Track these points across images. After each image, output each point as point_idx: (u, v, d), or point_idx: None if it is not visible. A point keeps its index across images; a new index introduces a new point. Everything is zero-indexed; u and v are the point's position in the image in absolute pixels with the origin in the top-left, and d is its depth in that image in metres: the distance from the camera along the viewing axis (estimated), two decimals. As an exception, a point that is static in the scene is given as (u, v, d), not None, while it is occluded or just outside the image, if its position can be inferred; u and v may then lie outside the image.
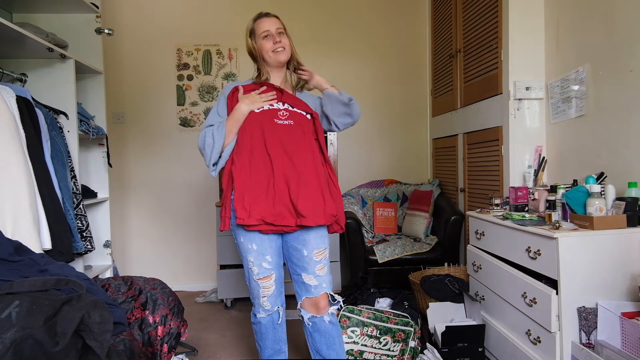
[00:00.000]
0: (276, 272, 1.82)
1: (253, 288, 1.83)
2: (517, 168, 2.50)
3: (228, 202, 1.78)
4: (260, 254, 1.77)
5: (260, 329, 1.87)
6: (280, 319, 1.87)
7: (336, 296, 1.84)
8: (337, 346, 1.84)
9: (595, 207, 1.71)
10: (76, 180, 2.30)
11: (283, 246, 1.85)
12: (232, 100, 1.83)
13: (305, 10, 3.76)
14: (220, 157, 1.78)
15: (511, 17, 2.46)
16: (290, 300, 2.05)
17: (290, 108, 1.81)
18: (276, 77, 1.89)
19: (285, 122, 1.78)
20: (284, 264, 1.88)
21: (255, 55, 1.88)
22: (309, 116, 1.85)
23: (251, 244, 1.77)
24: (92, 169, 2.82)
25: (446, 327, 2.13)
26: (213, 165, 1.79)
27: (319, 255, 1.80)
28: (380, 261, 3.01)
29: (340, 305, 1.87)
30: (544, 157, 2.42)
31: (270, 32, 1.81)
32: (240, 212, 1.69)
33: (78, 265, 2.32)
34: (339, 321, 2.22)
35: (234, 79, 3.73)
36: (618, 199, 1.75)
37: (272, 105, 1.80)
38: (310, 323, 1.83)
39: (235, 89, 1.85)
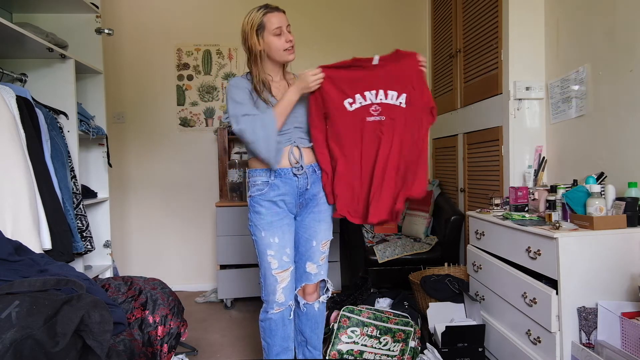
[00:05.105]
0: (292, 265, 1.87)
1: (269, 284, 1.81)
2: (517, 168, 2.50)
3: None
4: (282, 247, 1.79)
5: (270, 325, 1.86)
6: (290, 315, 1.89)
7: (328, 285, 1.96)
8: (319, 330, 1.99)
9: (595, 207, 1.71)
10: (76, 180, 2.30)
11: (295, 237, 1.90)
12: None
13: (305, 5, 3.75)
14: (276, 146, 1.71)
15: (511, 17, 2.46)
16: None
17: (383, 100, 1.76)
18: (277, 75, 1.84)
19: (377, 118, 1.77)
20: None
21: (255, 51, 1.74)
22: (402, 103, 1.76)
23: (273, 237, 1.78)
24: (92, 169, 2.82)
25: (446, 327, 2.13)
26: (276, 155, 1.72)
27: (324, 246, 1.89)
28: (380, 261, 3.01)
29: (330, 294, 1.99)
30: (544, 157, 2.42)
31: (282, 29, 1.73)
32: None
33: (78, 265, 2.31)
34: (339, 321, 2.22)
35: (234, 79, 3.73)
36: (618, 199, 1.75)
37: (364, 100, 1.76)
38: (305, 309, 1.94)
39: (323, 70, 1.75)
